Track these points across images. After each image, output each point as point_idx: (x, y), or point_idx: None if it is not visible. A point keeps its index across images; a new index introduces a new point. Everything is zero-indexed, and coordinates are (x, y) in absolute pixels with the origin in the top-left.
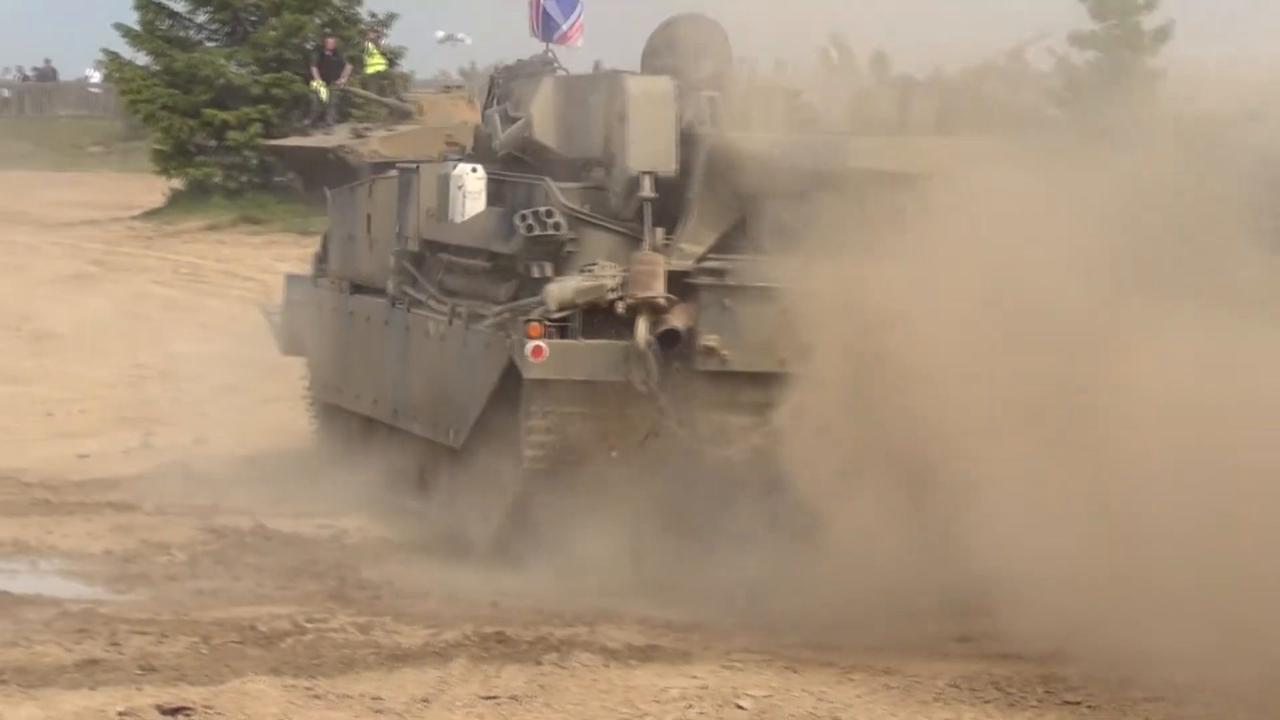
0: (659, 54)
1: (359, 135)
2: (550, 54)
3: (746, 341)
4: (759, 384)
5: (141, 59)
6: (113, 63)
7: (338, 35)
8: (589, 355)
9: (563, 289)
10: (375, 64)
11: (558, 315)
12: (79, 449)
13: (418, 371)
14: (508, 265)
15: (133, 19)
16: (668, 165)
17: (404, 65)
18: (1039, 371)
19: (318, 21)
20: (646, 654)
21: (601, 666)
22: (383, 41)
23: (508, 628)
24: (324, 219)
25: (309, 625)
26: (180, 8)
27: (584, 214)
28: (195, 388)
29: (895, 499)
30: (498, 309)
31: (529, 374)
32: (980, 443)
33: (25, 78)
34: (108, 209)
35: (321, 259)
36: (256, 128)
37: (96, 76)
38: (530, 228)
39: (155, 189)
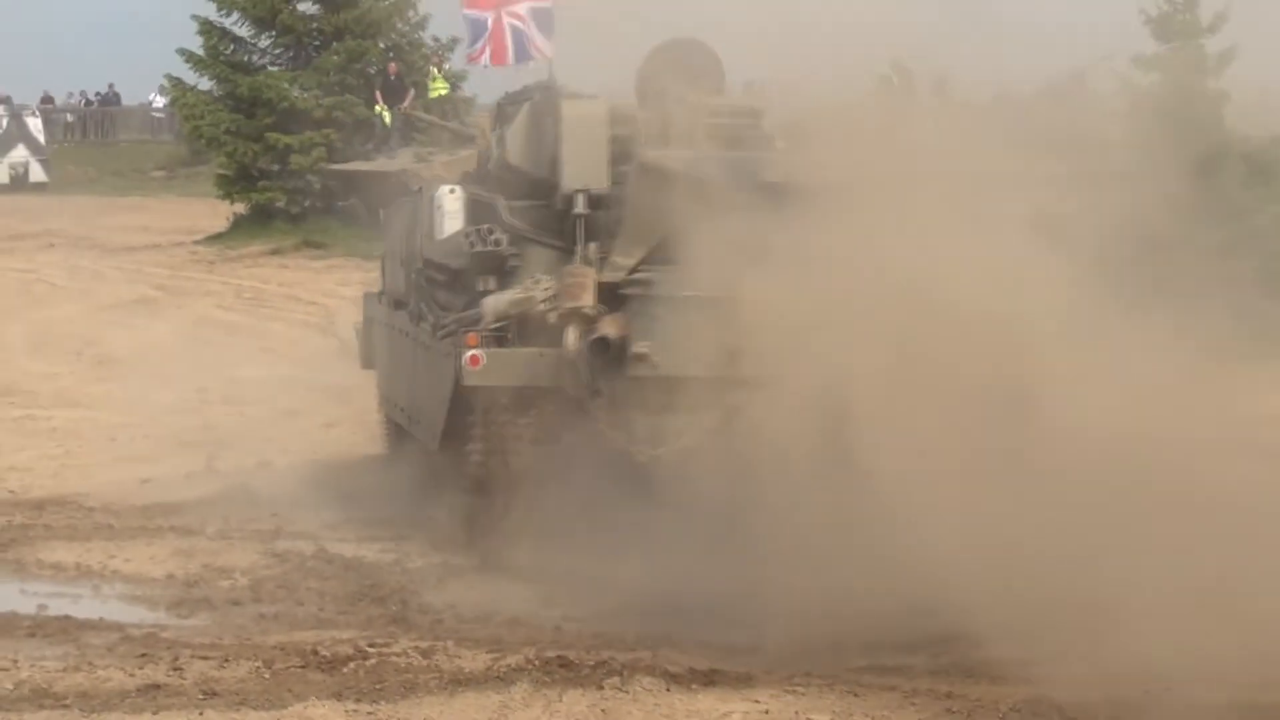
0: (653, 77)
1: (422, 159)
2: (552, 80)
3: (676, 348)
4: (689, 388)
5: (204, 83)
6: (176, 87)
7: (401, 60)
8: (523, 363)
9: (498, 301)
10: (438, 88)
11: (494, 325)
12: (141, 473)
13: (418, 381)
14: (463, 280)
15: (196, 44)
16: (599, 183)
17: (467, 89)
18: (961, 377)
19: (381, 46)
20: (709, 678)
21: (664, 691)
22: (446, 66)
23: (570, 652)
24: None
25: (371, 650)
26: (243, 32)
27: (525, 231)
28: (258, 412)
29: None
30: (449, 320)
31: (466, 380)
32: (910, 445)
33: (88, 102)
34: (170, 233)
35: (382, 277)
36: (319, 152)
37: (160, 101)
38: (473, 244)
39: (218, 213)
